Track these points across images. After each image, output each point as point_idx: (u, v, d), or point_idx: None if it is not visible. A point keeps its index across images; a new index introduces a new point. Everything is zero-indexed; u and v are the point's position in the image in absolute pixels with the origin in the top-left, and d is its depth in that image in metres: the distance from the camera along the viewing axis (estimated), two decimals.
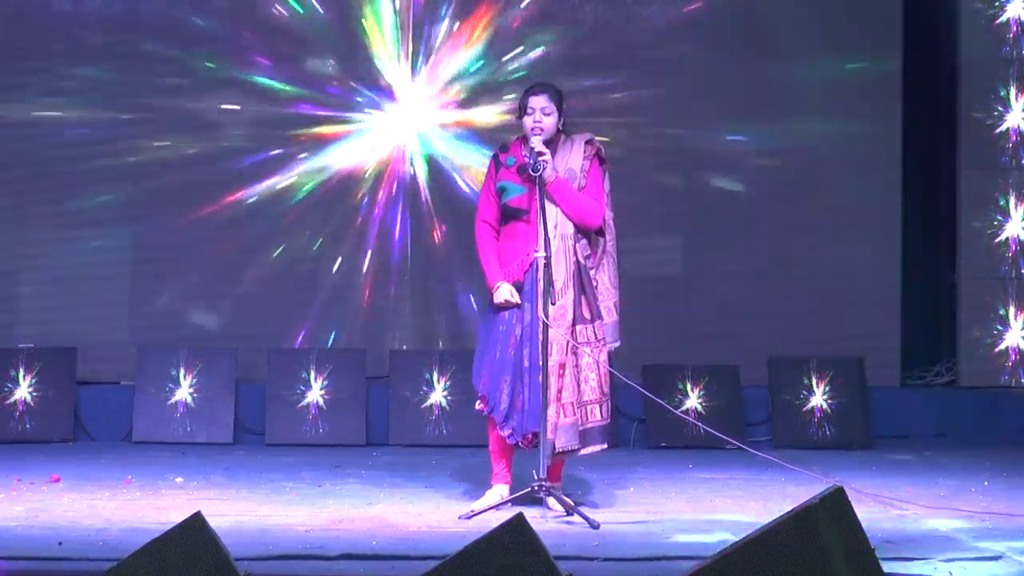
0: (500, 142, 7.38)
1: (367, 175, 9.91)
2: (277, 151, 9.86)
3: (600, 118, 9.66)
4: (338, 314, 9.87)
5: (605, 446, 7.06)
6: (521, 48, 9.89)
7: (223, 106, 9.83)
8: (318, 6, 9.85)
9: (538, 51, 9.88)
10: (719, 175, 9.95)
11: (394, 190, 9.91)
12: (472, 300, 9.78)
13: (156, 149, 9.79)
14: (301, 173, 9.88)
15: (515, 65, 9.87)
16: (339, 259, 9.88)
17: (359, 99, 9.90)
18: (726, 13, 9.94)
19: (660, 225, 9.93)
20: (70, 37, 9.75)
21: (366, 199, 9.90)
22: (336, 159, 9.90)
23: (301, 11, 9.84)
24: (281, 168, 9.86)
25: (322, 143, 9.89)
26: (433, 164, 9.93)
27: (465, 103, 9.92)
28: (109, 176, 9.77)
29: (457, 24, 9.89)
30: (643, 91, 9.94)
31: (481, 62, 9.91)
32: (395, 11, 9.86)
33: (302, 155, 9.87)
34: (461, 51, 9.90)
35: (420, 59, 9.89)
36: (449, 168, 9.91)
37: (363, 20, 9.88)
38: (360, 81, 9.89)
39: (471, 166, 9.83)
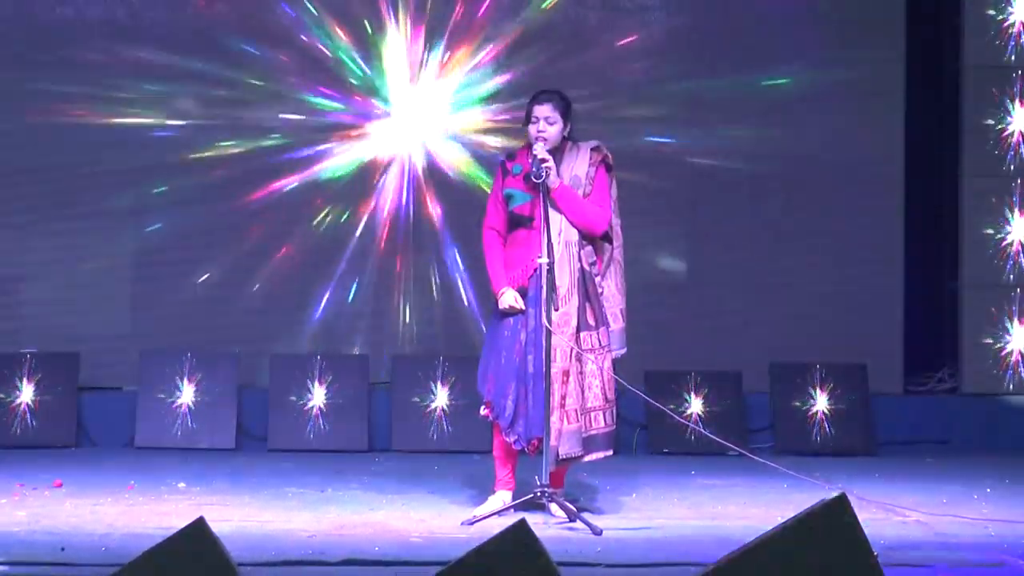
0: (507, 150, 7.39)
1: (368, 184, 9.91)
2: (277, 160, 9.86)
3: (601, 125, 9.64)
4: (341, 319, 9.87)
5: (609, 452, 7.06)
6: (521, 58, 9.89)
7: (222, 115, 9.83)
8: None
9: (539, 60, 9.88)
10: (721, 181, 9.95)
11: (396, 198, 9.91)
12: (475, 306, 9.79)
13: (158, 157, 9.79)
14: (301, 181, 9.88)
15: (516, 75, 9.87)
16: (341, 265, 9.88)
17: (362, 108, 9.90)
18: (729, 19, 9.94)
19: (662, 231, 9.92)
20: (76, 43, 9.75)
21: (368, 207, 9.90)
22: (336, 168, 9.90)
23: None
24: (281, 177, 9.86)
25: (322, 155, 9.89)
26: (437, 172, 9.93)
27: (474, 110, 9.92)
28: (112, 182, 9.77)
29: (459, 37, 9.90)
30: (643, 99, 9.94)
31: (491, 68, 9.91)
32: (401, 27, 9.87)
33: (302, 165, 9.87)
34: (463, 62, 9.90)
35: (423, 70, 9.89)
36: (453, 176, 9.91)
37: (370, 35, 9.89)
38: (364, 87, 9.89)
39: (475, 174, 9.83)
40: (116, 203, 9.80)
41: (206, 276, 9.78)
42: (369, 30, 9.90)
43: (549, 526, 6.72)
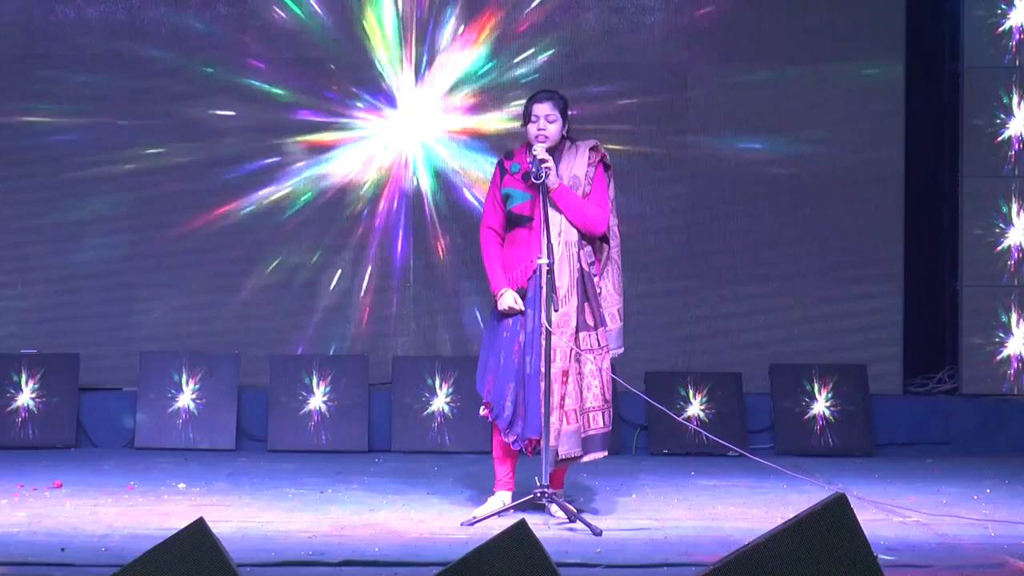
0: (505, 149, 7.40)
1: (369, 182, 9.91)
2: (278, 158, 9.86)
3: (604, 125, 9.66)
4: (340, 321, 9.87)
5: (605, 453, 7.07)
6: (525, 55, 9.89)
7: (224, 113, 9.83)
8: (319, 11, 9.85)
9: (542, 58, 9.88)
10: (721, 182, 9.94)
11: (397, 197, 9.91)
12: (475, 307, 9.78)
13: (158, 156, 9.80)
14: (303, 180, 9.87)
15: (519, 72, 9.87)
16: (342, 266, 9.88)
17: (361, 105, 9.89)
18: (727, 21, 9.93)
19: (663, 233, 9.92)
20: (72, 44, 9.75)
21: (368, 206, 9.90)
22: (338, 166, 9.90)
23: (302, 16, 9.84)
24: (283, 175, 9.86)
25: (324, 150, 9.89)
26: (436, 170, 9.92)
27: (468, 110, 9.91)
28: (112, 182, 9.78)
29: (461, 29, 9.88)
30: (646, 98, 9.94)
31: (485, 68, 9.90)
32: (397, 16, 9.86)
33: (304, 162, 9.87)
34: (464, 57, 9.89)
35: (423, 65, 9.89)
36: (452, 174, 9.91)
37: (365, 26, 9.88)
38: (362, 87, 9.88)
39: (474, 173, 9.83)
40: (116, 204, 9.80)
41: (218, 268, 9.78)
42: (374, 35, 9.89)
43: (549, 527, 6.72)
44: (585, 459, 7.00)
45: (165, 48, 9.78)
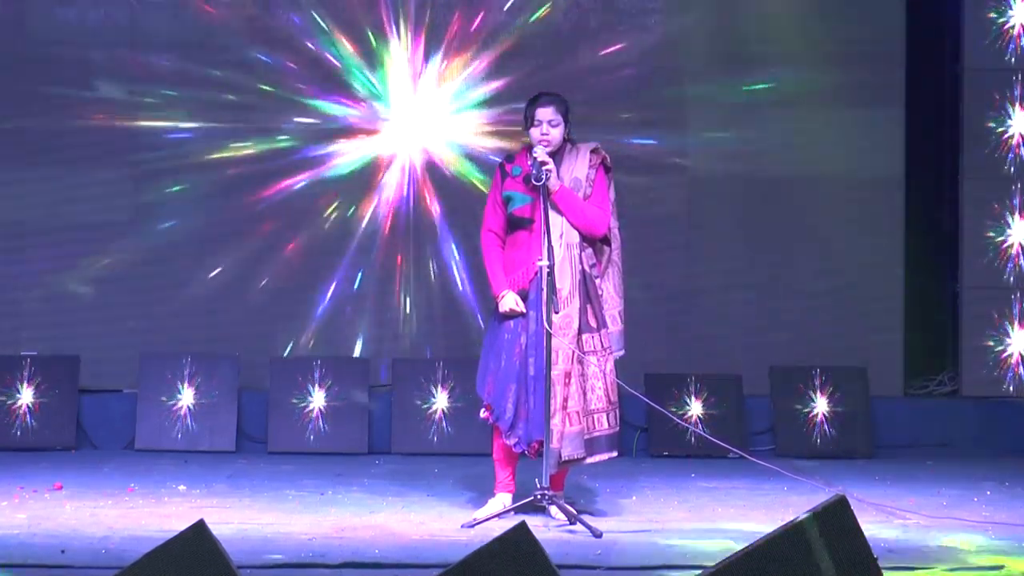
0: (505, 152, 7.40)
1: (371, 186, 9.91)
2: (278, 163, 9.86)
3: (603, 127, 9.65)
4: (341, 323, 9.87)
5: (614, 454, 7.07)
6: (525, 56, 9.89)
7: (222, 118, 9.83)
8: (321, 14, 9.86)
9: (542, 60, 9.89)
10: (720, 183, 9.94)
11: (398, 201, 9.91)
12: (475, 307, 9.79)
13: (156, 159, 9.80)
14: (304, 184, 9.88)
15: (521, 74, 9.86)
16: (342, 267, 9.88)
17: (362, 108, 9.90)
18: (728, 20, 9.94)
19: (662, 234, 9.92)
20: (74, 49, 9.75)
21: (370, 209, 9.90)
22: (339, 169, 9.90)
23: (304, 20, 9.86)
24: (283, 179, 9.86)
25: (324, 156, 9.89)
26: (437, 173, 9.93)
27: (471, 115, 9.91)
28: (110, 185, 9.77)
29: (455, 46, 9.89)
30: (645, 100, 9.94)
31: (485, 71, 9.91)
32: (401, 24, 9.87)
33: (305, 167, 9.87)
34: (467, 63, 9.90)
35: (423, 69, 9.89)
36: (453, 177, 9.91)
37: (366, 28, 9.89)
38: (362, 89, 9.89)
39: (475, 175, 9.83)
40: (116, 205, 9.80)
41: (218, 270, 9.78)
42: (373, 40, 9.88)
43: (549, 528, 6.72)
44: (590, 460, 7.00)
45: (162, 49, 9.79)
